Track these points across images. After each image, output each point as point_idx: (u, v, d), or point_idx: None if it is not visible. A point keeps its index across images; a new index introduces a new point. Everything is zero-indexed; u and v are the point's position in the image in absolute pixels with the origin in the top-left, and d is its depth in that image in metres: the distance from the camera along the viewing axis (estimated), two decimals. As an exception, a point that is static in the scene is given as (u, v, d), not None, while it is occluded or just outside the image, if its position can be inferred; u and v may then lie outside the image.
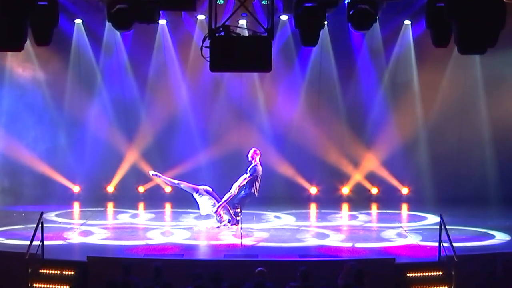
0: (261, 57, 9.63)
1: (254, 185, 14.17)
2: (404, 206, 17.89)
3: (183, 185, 14.82)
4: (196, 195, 14.55)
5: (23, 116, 17.78)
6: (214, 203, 14.38)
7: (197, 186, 14.61)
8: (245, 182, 14.16)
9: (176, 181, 14.97)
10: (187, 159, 18.10)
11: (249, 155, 14.28)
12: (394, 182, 18.33)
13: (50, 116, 18.00)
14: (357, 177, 18.42)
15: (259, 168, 14.25)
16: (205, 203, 14.42)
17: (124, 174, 18.25)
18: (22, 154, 17.71)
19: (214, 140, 18.23)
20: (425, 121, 18.34)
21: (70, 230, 14.52)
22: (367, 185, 18.45)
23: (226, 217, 14.36)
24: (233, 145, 17.83)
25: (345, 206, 17.85)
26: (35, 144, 17.85)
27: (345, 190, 18.46)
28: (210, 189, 14.59)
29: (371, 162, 18.38)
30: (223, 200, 14.28)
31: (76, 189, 18.24)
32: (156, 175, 15.17)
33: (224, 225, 14.37)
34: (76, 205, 17.70)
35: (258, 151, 14.34)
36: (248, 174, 14.15)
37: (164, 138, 18.25)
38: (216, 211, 14.34)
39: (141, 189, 18.35)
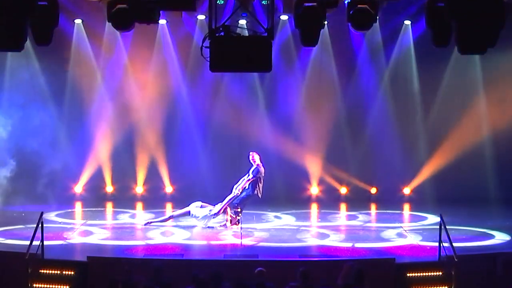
0: (261, 57, 9.62)
1: (257, 186, 14.19)
2: (404, 206, 17.88)
3: (175, 214, 14.86)
4: (190, 217, 14.58)
5: (23, 116, 17.74)
6: (210, 209, 14.41)
7: (187, 209, 14.61)
8: (248, 183, 14.18)
9: (167, 216, 15.05)
10: (187, 159, 18.12)
11: (250, 158, 14.32)
12: (394, 182, 18.32)
13: (50, 115, 17.96)
14: (357, 176, 18.41)
15: (262, 169, 14.27)
16: (201, 215, 14.40)
17: (123, 174, 18.25)
18: (22, 154, 17.67)
19: (214, 140, 18.22)
20: (425, 121, 18.34)
21: (70, 230, 14.52)
22: (367, 185, 18.45)
23: (227, 217, 14.39)
24: (233, 145, 17.86)
25: (344, 206, 17.85)
26: (34, 144, 17.80)
27: (344, 190, 18.47)
28: (200, 203, 14.61)
29: (371, 161, 18.37)
30: (225, 201, 14.30)
31: (77, 189, 18.23)
32: (148, 223, 14.96)
33: (226, 227, 14.38)
34: (76, 205, 17.70)
35: (257, 154, 14.35)
36: (251, 176, 14.18)
37: (164, 138, 18.24)
38: (217, 213, 14.35)
39: (140, 189, 18.33)
